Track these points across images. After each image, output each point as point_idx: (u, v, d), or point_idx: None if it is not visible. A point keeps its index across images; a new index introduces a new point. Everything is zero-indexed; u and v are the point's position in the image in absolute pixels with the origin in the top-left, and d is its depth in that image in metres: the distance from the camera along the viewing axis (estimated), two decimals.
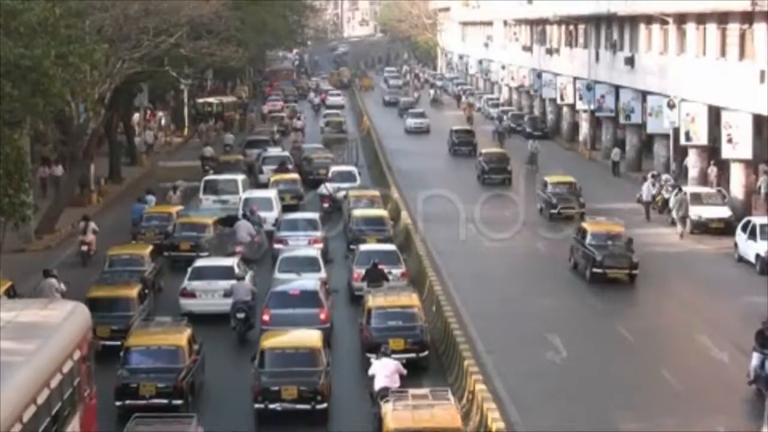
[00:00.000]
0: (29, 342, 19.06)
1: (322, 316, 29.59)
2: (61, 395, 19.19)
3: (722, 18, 48.22)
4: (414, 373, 26.44)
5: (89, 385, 21.56)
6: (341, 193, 49.02)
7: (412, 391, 22.41)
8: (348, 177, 52.66)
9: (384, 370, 23.95)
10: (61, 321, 20.80)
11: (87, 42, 36.17)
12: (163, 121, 79.54)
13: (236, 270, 33.21)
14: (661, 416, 25.54)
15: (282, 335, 26.69)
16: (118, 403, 24.57)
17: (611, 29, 65.63)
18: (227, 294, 31.80)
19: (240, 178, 50.22)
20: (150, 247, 36.93)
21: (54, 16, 32.27)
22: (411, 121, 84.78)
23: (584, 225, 39.56)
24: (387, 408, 21.22)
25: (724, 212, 45.51)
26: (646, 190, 49.22)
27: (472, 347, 28.44)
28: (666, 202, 48.75)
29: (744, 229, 40.41)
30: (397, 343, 27.05)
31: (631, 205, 50.64)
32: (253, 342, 28.60)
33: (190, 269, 33.90)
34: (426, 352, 27.83)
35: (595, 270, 36.91)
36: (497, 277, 39.68)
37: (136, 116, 71.66)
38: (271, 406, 24.41)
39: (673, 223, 46.84)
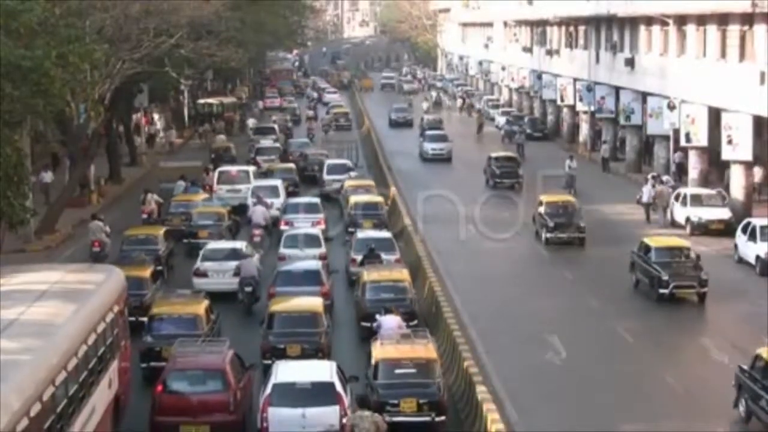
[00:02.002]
0: (79, 294, 22.45)
1: (324, 293, 32.13)
2: (104, 341, 22.45)
3: (722, 19, 48.23)
4: None
5: (125, 337, 24.92)
6: (336, 185, 52.50)
7: (407, 331, 26.86)
8: (342, 169, 55.57)
9: (388, 325, 27.39)
10: (102, 280, 24.22)
11: (87, 42, 36.15)
12: (159, 124, 79.40)
13: (244, 251, 36.28)
14: (661, 418, 25.54)
15: (288, 301, 30.10)
16: (143, 365, 27.58)
17: (611, 30, 65.62)
18: (236, 273, 34.60)
19: (251, 169, 53.72)
20: (163, 228, 40.38)
21: (54, 17, 32.27)
22: (429, 146, 68.61)
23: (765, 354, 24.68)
24: (376, 344, 25.41)
25: (724, 213, 45.51)
26: (647, 191, 49.18)
27: (472, 348, 28.46)
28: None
29: (744, 230, 40.40)
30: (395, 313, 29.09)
31: (630, 206, 50.70)
32: (259, 313, 31.51)
33: (202, 251, 36.81)
34: (415, 321, 30.08)
35: None
36: (497, 277, 39.67)
37: (137, 116, 71.75)
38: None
39: (673, 224, 46.89)
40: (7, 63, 29.16)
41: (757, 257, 38.70)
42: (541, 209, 44.70)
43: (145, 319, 29.16)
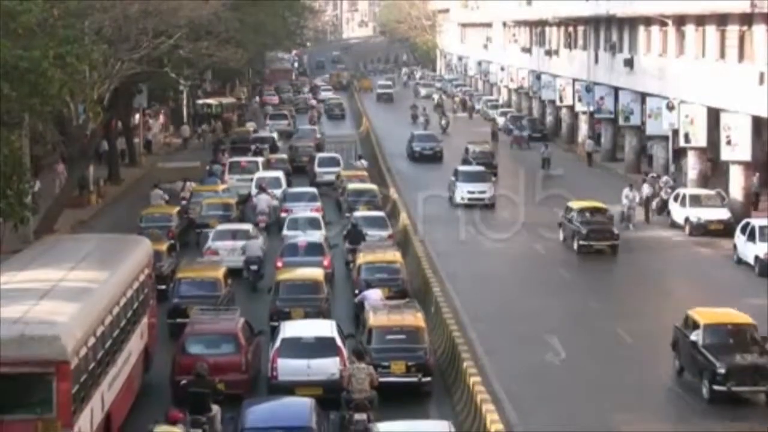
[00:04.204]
0: (117, 256, 26.53)
1: (326, 263, 35.81)
2: (137, 297, 26.04)
3: (721, 19, 48.23)
4: None
5: (152, 297, 28.53)
6: (327, 177, 55.50)
7: (389, 302, 29.78)
8: (332, 162, 58.27)
9: (371, 296, 30.27)
10: (134, 247, 28.03)
11: (86, 43, 36.13)
12: (154, 128, 79.11)
13: (251, 232, 39.45)
14: (660, 418, 25.55)
15: (293, 271, 33.59)
16: (169, 321, 31.13)
17: (610, 31, 65.64)
18: (244, 252, 37.41)
19: (260, 160, 57.62)
20: (177, 208, 44.60)
21: (53, 17, 32.24)
22: (464, 189, 51.52)
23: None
24: (369, 314, 28.00)
25: (724, 214, 45.49)
26: (645, 191, 49.19)
27: (472, 348, 28.47)
28: (665, 203, 48.79)
29: (743, 230, 40.38)
30: (383, 292, 31.68)
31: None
32: (263, 290, 34.69)
33: (212, 232, 40.06)
34: (407, 299, 31.49)
35: None
36: (496, 278, 39.66)
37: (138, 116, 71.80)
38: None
39: (672, 225, 46.88)
40: (5, 63, 29.15)
41: (756, 258, 38.67)
42: (697, 335, 26.88)
43: (163, 286, 33.18)
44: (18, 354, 19.33)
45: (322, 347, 26.00)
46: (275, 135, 71.40)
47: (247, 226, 40.84)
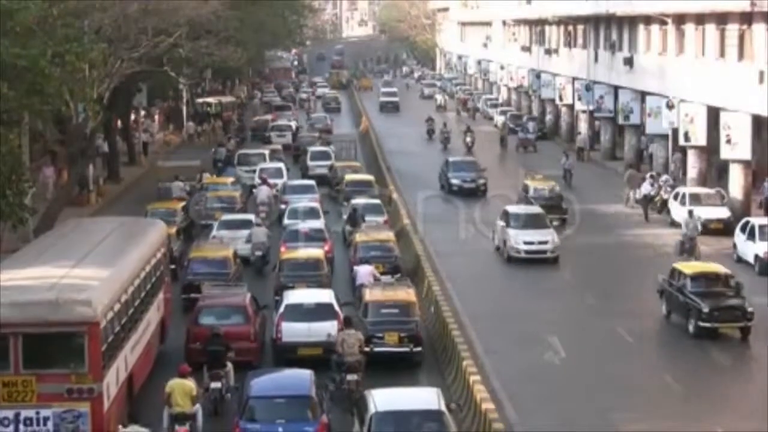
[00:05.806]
0: (137, 235, 29.44)
1: (326, 248, 37.99)
2: (155, 273, 28.61)
3: (721, 18, 48.21)
4: None
5: (167, 274, 31.20)
6: (319, 171, 57.77)
7: (384, 279, 33.29)
8: (324, 156, 60.63)
9: (363, 272, 33.40)
10: (151, 228, 30.89)
11: (85, 41, 36.13)
12: (150, 128, 78.88)
13: (254, 221, 41.46)
14: (660, 417, 25.54)
15: (296, 251, 36.58)
16: (183, 297, 33.72)
17: (610, 30, 65.62)
18: (248, 240, 39.69)
19: (267, 151, 60.77)
20: (182, 203, 45.90)
21: (52, 16, 32.23)
22: (521, 238, 40.45)
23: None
24: (366, 290, 30.77)
25: (723, 213, 45.46)
26: (645, 190, 49.18)
27: (471, 348, 28.47)
28: (665, 202, 48.78)
29: (743, 229, 40.38)
30: (378, 268, 34.81)
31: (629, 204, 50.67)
32: (268, 274, 37.28)
33: (217, 222, 41.96)
34: (399, 274, 34.99)
35: None
36: (496, 277, 39.63)
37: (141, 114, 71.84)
38: None
39: (672, 224, 46.86)
40: (3, 62, 29.13)
41: (756, 256, 38.68)
42: None
43: (173, 266, 35.48)
44: (54, 316, 21.87)
45: (321, 312, 28.95)
46: (293, 124, 75.43)
47: (250, 216, 42.89)
